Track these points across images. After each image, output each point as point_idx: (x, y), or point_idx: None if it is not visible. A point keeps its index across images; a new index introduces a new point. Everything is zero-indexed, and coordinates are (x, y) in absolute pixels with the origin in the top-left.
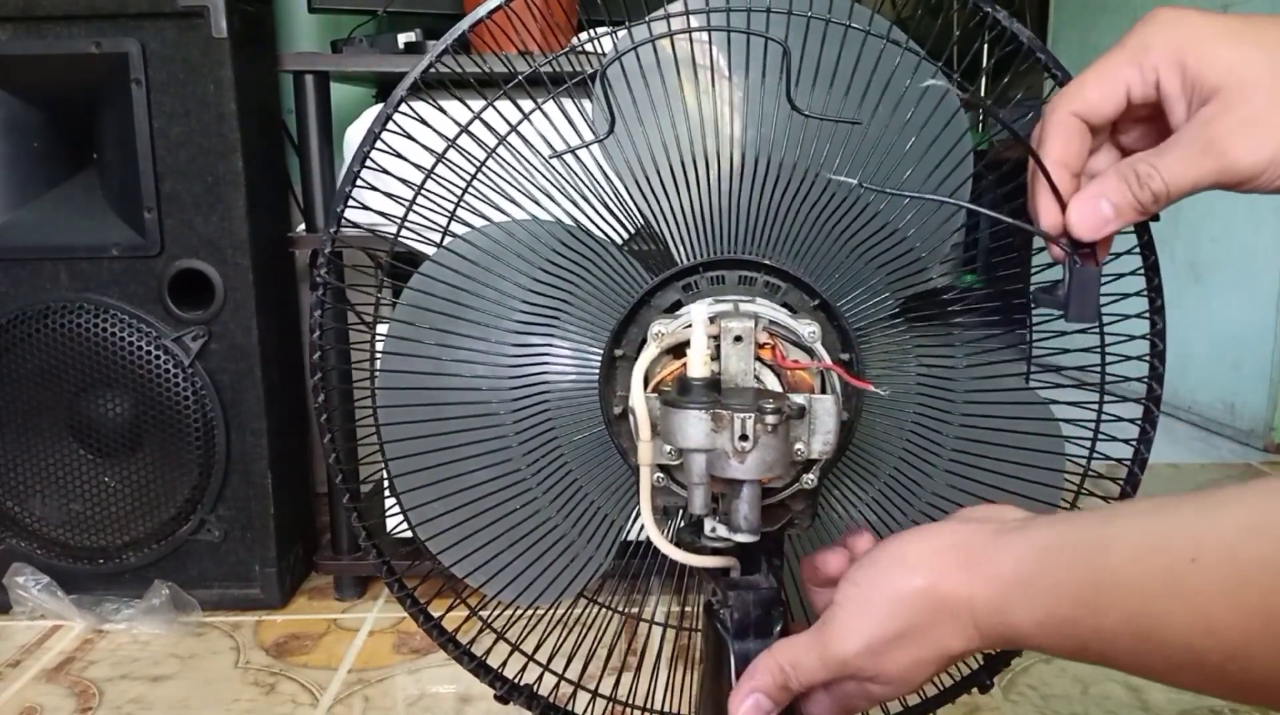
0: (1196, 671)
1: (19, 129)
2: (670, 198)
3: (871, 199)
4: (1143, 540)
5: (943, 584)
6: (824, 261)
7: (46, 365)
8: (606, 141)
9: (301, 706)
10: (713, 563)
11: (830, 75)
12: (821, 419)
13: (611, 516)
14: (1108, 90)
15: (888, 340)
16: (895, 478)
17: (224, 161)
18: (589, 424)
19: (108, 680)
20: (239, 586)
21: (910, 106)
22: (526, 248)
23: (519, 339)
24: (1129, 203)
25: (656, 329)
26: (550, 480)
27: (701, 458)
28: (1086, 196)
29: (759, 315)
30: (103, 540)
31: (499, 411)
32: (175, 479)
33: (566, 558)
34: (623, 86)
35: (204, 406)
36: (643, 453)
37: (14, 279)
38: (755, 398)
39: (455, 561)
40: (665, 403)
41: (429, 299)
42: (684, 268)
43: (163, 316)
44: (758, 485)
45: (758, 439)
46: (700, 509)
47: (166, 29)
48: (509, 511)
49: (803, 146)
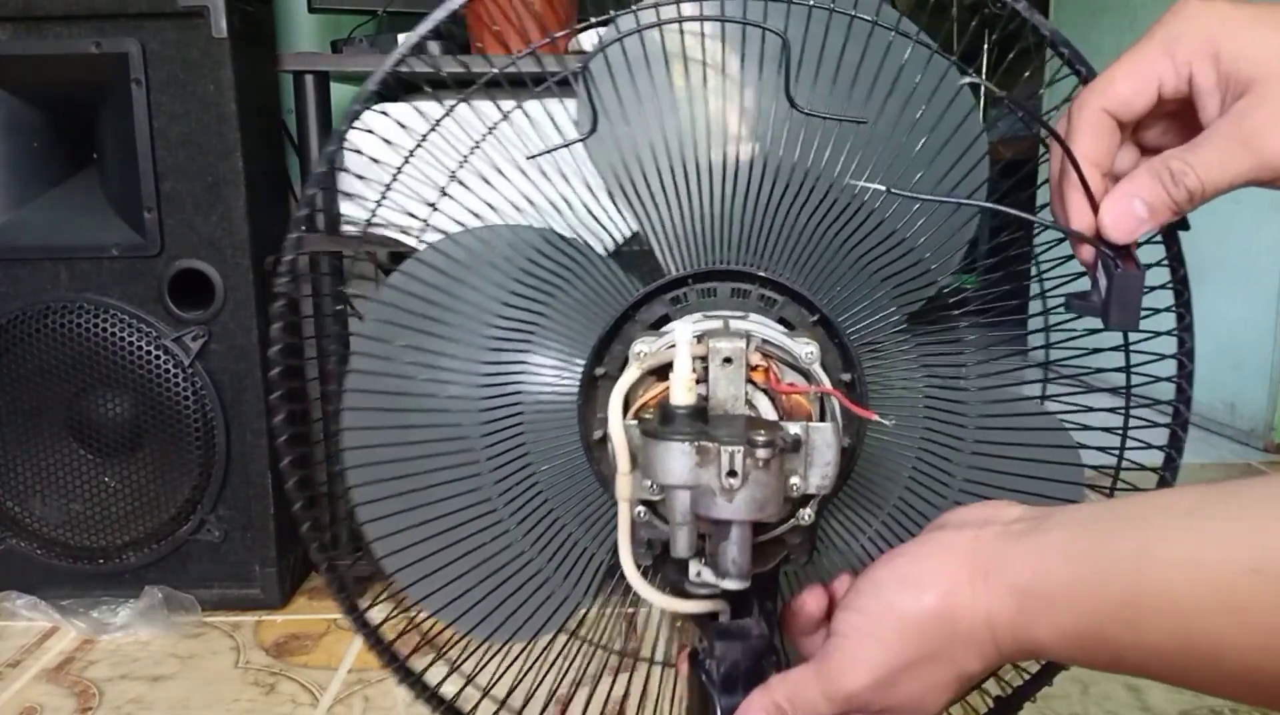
0: (1250, 689)
1: (19, 129)
2: (658, 202)
3: (878, 205)
4: (1191, 549)
5: (956, 602)
6: (825, 273)
7: (46, 365)
8: (590, 142)
9: (301, 706)
10: (698, 608)
11: (834, 69)
12: (820, 450)
13: (591, 551)
14: (1140, 84)
15: (893, 359)
16: (901, 509)
17: (224, 161)
18: (567, 450)
19: (108, 680)
20: (239, 587)
21: (922, 104)
22: (500, 256)
23: (490, 356)
24: (1163, 201)
25: (639, 348)
26: (524, 510)
27: (685, 495)
28: (1118, 196)
29: (751, 333)
30: (103, 540)
31: (469, 434)
32: (175, 479)
33: (541, 596)
34: (608, 82)
35: (204, 406)
36: (621, 487)
37: (14, 279)
38: (746, 428)
39: (425, 596)
40: (645, 433)
41: (396, 312)
42: (671, 279)
43: (163, 316)
44: (748, 526)
45: (748, 475)
46: (684, 552)
47: (166, 29)
48: (479, 545)
49: (803, 147)
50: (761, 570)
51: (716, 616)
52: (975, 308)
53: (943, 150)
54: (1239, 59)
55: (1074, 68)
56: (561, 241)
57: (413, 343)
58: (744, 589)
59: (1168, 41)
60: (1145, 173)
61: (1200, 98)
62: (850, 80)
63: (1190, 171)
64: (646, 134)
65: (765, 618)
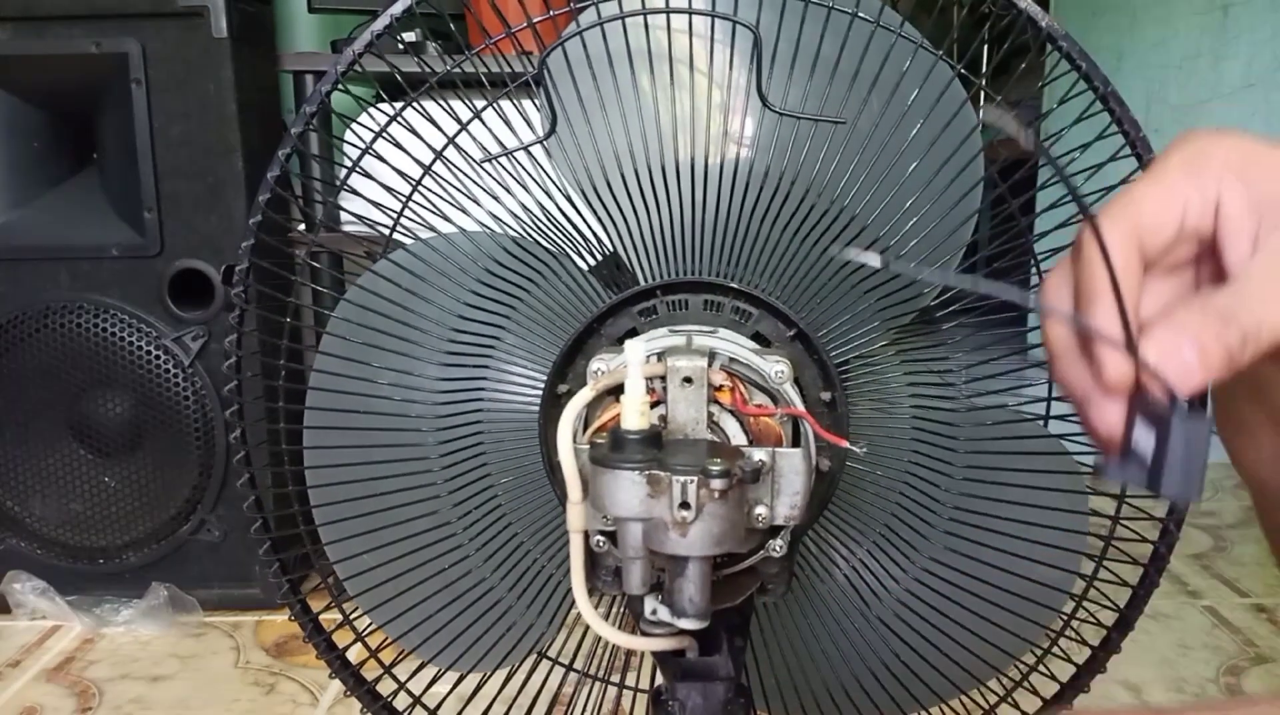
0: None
1: (19, 129)
2: (624, 208)
3: (859, 211)
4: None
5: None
6: (805, 285)
7: (46, 365)
8: (551, 144)
9: (301, 706)
10: (660, 645)
11: (828, 69)
12: (788, 477)
13: (557, 578)
14: (1166, 207)
15: (877, 376)
16: (887, 537)
17: (224, 161)
18: (529, 470)
19: (108, 680)
20: (239, 586)
21: (907, 101)
22: (457, 266)
23: (446, 371)
24: (1215, 345)
25: (596, 366)
26: (485, 534)
27: (637, 528)
28: (1164, 335)
29: (716, 351)
30: (103, 540)
31: (427, 453)
32: (175, 479)
33: (503, 625)
34: (568, 80)
35: (204, 406)
36: (572, 517)
37: (14, 279)
38: (704, 455)
39: (386, 621)
40: (594, 461)
41: (352, 328)
42: (638, 291)
43: (163, 316)
44: (705, 563)
45: (702, 507)
46: (637, 588)
47: (166, 29)
48: (438, 570)
49: (776, 148)
50: (729, 605)
51: (683, 653)
52: (970, 321)
53: (932, 151)
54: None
55: (1074, 63)
56: (522, 250)
57: (369, 358)
58: (706, 627)
59: (1196, 159)
60: (1187, 310)
61: (1228, 229)
62: (836, 79)
63: (1242, 309)
64: (609, 135)
65: (733, 656)
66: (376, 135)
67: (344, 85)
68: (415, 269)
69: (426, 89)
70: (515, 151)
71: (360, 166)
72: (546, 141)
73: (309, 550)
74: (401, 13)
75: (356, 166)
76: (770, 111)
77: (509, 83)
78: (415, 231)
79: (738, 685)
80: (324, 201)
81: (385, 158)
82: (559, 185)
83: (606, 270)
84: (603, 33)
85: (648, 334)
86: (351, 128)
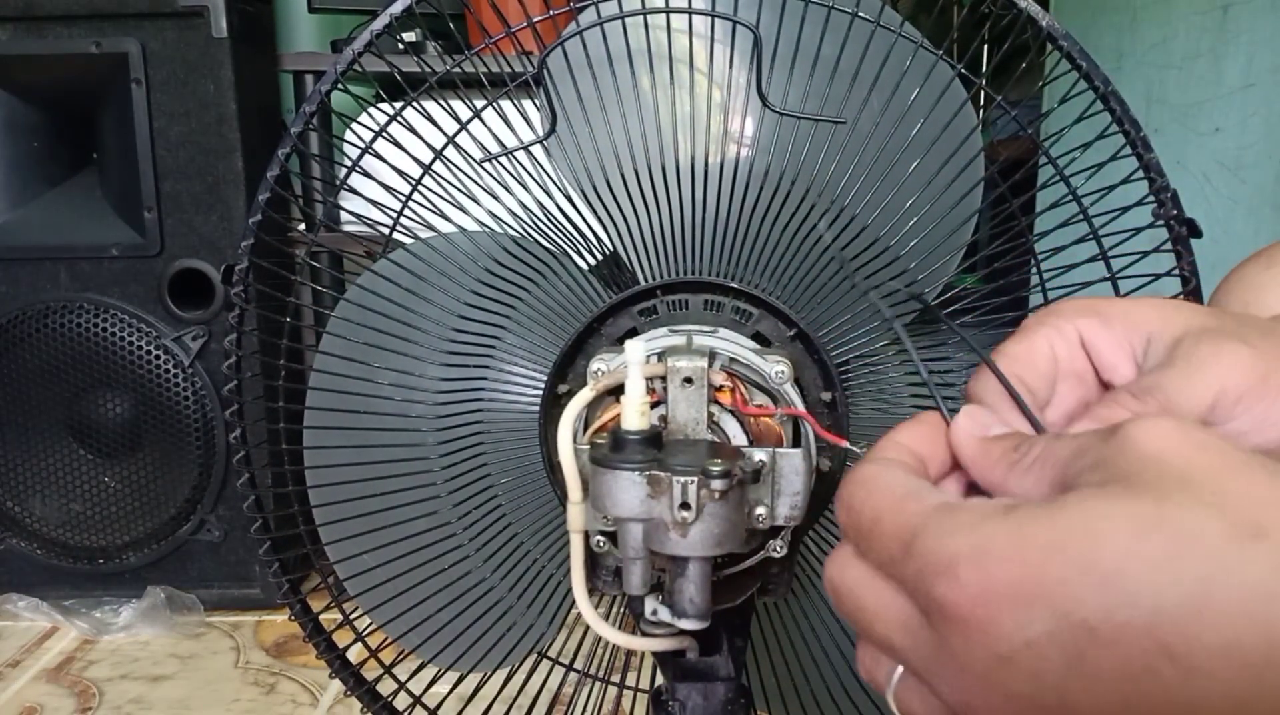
0: None
1: (19, 129)
2: (624, 208)
3: (859, 211)
4: None
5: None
6: (804, 285)
7: (46, 365)
8: (551, 144)
9: (301, 706)
10: (659, 646)
11: (810, 64)
12: (788, 478)
13: (558, 578)
14: (1036, 352)
15: (877, 376)
16: None
17: (224, 161)
18: (530, 471)
19: (108, 680)
20: (239, 586)
21: (908, 100)
22: (457, 266)
23: (445, 372)
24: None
25: (596, 366)
26: (484, 534)
27: (637, 528)
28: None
29: (716, 351)
30: (103, 540)
31: (427, 454)
32: (175, 479)
33: (504, 625)
34: (568, 80)
35: (204, 406)
36: (573, 517)
37: (14, 279)
38: (705, 455)
39: (386, 621)
40: (594, 461)
41: (350, 327)
42: (638, 291)
43: (163, 316)
44: (705, 563)
45: (702, 507)
46: (637, 589)
47: (166, 29)
48: (437, 570)
49: (776, 148)
50: (729, 605)
51: (683, 653)
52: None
53: (932, 151)
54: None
55: (1074, 62)
56: (522, 250)
57: (369, 358)
58: (706, 627)
59: (1044, 314)
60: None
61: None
62: (836, 79)
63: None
64: (609, 135)
65: (734, 656)
66: (376, 135)
67: (344, 85)
68: (415, 269)
69: (426, 89)
70: (515, 151)
71: (360, 166)
72: (546, 141)
73: (309, 550)
74: (401, 12)
75: (356, 166)
76: (770, 111)
77: (509, 82)
78: (415, 231)
79: (738, 685)
80: (324, 201)
81: (385, 157)
82: (559, 185)
83: (606, 270)
84: (603, 32)
85: (648, 334)
86: (351, 127)
